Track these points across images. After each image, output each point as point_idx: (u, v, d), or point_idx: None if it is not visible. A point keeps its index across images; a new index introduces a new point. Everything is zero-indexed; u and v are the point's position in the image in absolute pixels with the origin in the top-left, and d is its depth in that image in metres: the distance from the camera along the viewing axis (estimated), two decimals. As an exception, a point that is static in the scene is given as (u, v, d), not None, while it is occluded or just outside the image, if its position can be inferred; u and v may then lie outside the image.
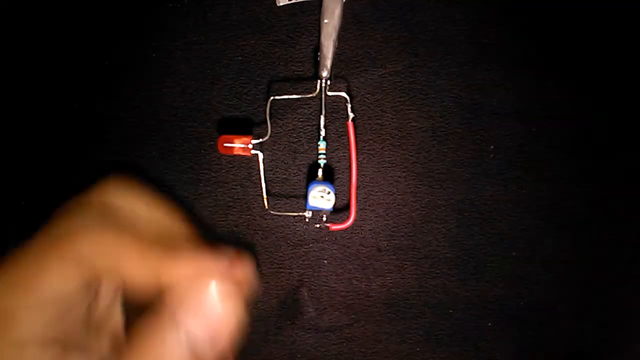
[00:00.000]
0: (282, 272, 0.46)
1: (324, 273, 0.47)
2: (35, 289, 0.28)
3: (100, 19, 0.47)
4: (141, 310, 0.32)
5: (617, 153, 0.46)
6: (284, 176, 0.46)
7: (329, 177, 0.44)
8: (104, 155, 0.46)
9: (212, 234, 0.45)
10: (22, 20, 0.47)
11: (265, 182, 0.31)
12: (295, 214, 0.33)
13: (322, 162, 0.31)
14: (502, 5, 0.46)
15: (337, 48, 0.31)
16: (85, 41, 0.47)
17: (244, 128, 0.46)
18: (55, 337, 0.31)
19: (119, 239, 0.29)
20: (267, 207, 0.33)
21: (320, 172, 0.32)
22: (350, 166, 0.31)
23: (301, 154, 0.45)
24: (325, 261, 0.47)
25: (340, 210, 0.44)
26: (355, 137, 0.40)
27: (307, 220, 0.32)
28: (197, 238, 0.34)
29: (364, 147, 0.46)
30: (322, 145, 0.31)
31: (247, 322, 0.28)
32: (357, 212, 0.43)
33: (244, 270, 0.30)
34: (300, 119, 0.45)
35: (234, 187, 0.46)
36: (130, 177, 0.33)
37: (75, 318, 0.32)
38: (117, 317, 0.37)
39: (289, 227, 0.46)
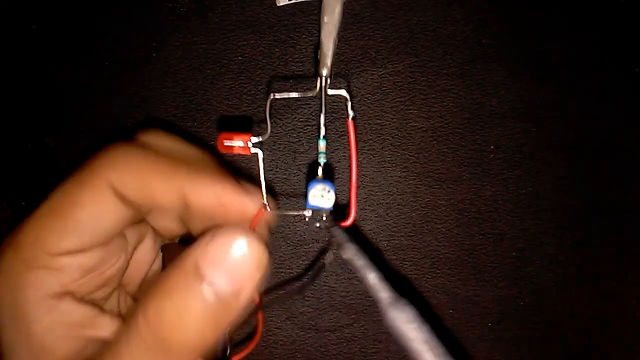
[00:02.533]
0: (282, 272, 0.46)
1: (324, 273, 0.47)
2: (72, 216, 0.29)
3: (99, 19, 0.47)
4: None
5: (617, 153, 0.46)
6: (284, 175, 0.46)
7: (329, 176, 0.44)
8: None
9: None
10: (21, 19, 0.47)
11: (265, 181, 0.31)
12: (295, 213, 0.33)
13: (322, 160, 0.31)
14: (502, 5, 0.46)
15: (337, 47, 0.31)
16: (84, 41, 0.47)
17: (244, 128, 0.46)
18: (89, 291, 0.31)
19: (149, 161, 0.30)
20: (267, 206, 0.32)
21: (320, 171, 0.31)
22: (350, 165, 0.31)
23: (301, 154, 0.45)
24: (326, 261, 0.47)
25: (340, 209, 0.44)
26: (356, 136, 0.40)
27: (307, 219, 0.32)
28: (225, 172, 0.34)
29: (364, 147, 0.46)
30: (322, 144, 0.31)
31: (270, 271, 0.28)
32: (357, 211, 0.43)
33: (265, 207, 0.31)
34: (300, 119, 0.45)
35: (234, 187, 0.46)
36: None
37: (110, 265, 0.32)
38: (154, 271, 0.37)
39: (289, 227, 0.46)
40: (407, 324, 0.26)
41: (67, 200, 0.30)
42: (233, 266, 0.28)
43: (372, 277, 0.28)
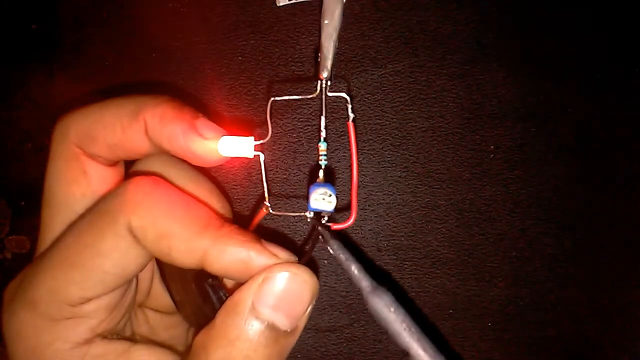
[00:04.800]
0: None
1: (324, 273, 0.47)
2: (94, 266, 0.28)
3: (99, 19, 0.46)
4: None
5: (617, 153, 0.46)
6: (284, 175, 0.46)
7: (330, 179, 0.45)
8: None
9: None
10: (21, 19, 0.46)
11: (267, 182, 0.31)
12: (296, 214, 0.33)
13: (323, 163, 0.31)
14: (502, 5, 0.46)
15: (337, 49, 0.31)
16: (84, 41, 0.46)
17: (244, 129, 0.46)
18: (114, 325, 0.31)
19: (170, 212, 0.28)
20: (268, 207, 0.33)
21: (321, 174, 0.31)
22: (351, 167, 0.31)
23: (301, 154, 0.45)
24: (325, 261, 0.47)
25: (340, 209, 0.44)
26: (356, 138, 0.40)
27: (308, 220, 0.32)
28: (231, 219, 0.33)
29: (364, 147, 0.46)
30: (322, 146, 0.31)
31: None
32: (357, 212, 0.43)
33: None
34: (301, 119, 0.45)
35: (234, 187, 0.46)
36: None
37: (129, 294, 0.32)
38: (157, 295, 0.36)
39: (290, 227, 0.46)
40: (385, 308, 0.28)
41: (85, 249, 0.28)
42: (290, 303, 0.28)
43: (354, 269, 0.29)
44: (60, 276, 0.28)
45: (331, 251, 0.31)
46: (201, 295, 0.30)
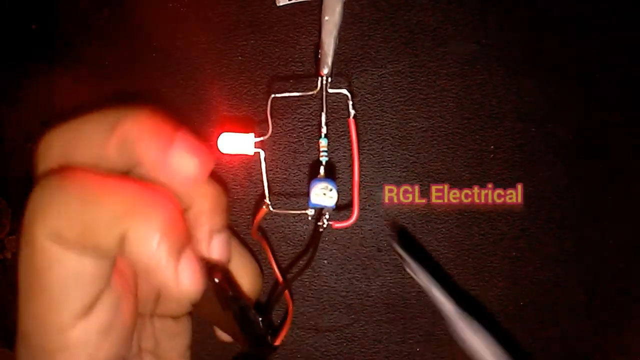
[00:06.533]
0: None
1: (324, 273, 0.47)
2: (50, 294, 0.26)
3: (99, 19, 0.47)
4: None
5: (617, 153, 0.46)
6: (285, 175, 0.46)
7: (331, 175, 0.44)
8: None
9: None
10: (21, 19, 0.47)
11: (267, 181, 0.31)
12: (297, 212, 0.33)
13: (323, 159, 0.31)
14: (502, 5, 0.46)
15: (337, 46, 0.31)
16: (84, 41, 0.47)
17: (244, 128, 0.46)
18: (118, 350, 0.29)
19: (82, 207, 0.25)
20: (269, 205, 0.33)
21: (322, 170, 0.32)
22: (352, 163, 0.31)
23: (302, 153, 0.45)
24: (325, 261, 0.47)
25: (342, 208, 0.44)
26: (357, 134, 0.40)
27: (309, 218, 0.32)
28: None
29: (364, 146, 0.46)
30: (323, 143, 0.31)
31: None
32: (359, 210, 0.43)
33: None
34: (301, 118, 0.45)
35: (234, 186, 0.46)
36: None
37: (124, 314, 0.31)
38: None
39: (290, 227, 0.46)
40: (473, 335, 0.29)
41: (34, 278, 0.26)
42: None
43: (436, 292, 0.31)
44: (34, 307, 0.26)
45: (409, 272, 0.31)
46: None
